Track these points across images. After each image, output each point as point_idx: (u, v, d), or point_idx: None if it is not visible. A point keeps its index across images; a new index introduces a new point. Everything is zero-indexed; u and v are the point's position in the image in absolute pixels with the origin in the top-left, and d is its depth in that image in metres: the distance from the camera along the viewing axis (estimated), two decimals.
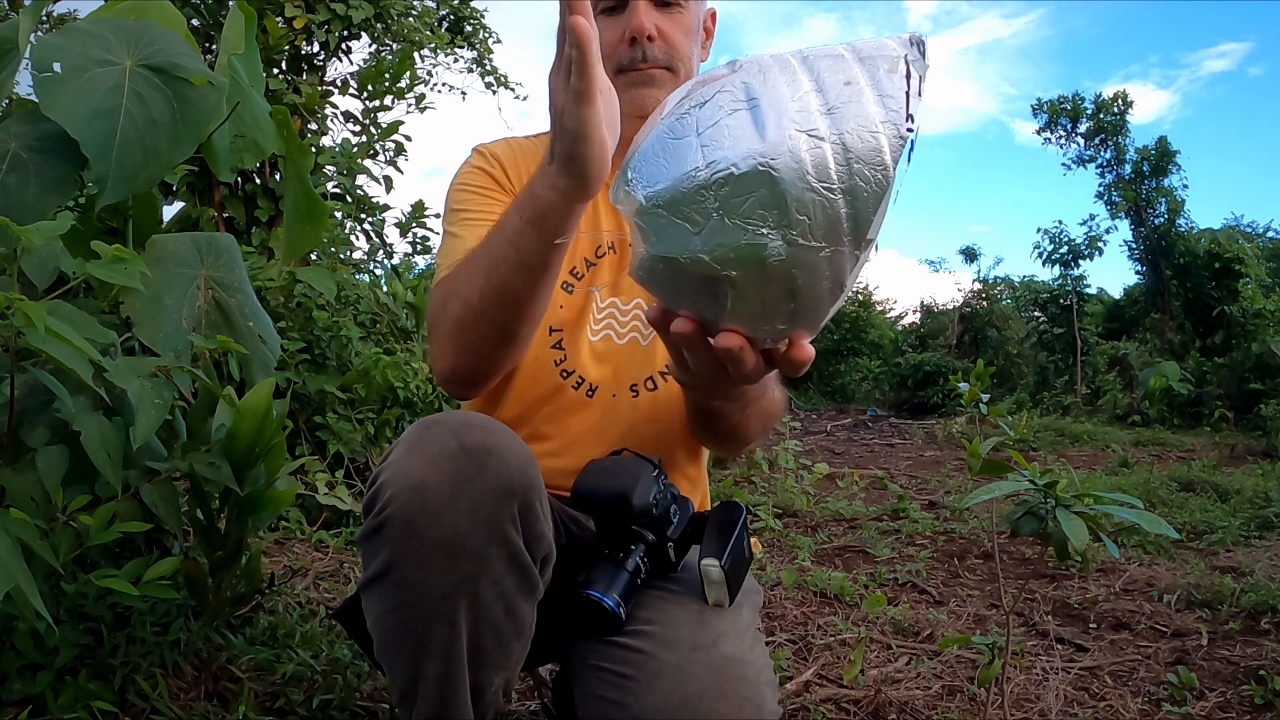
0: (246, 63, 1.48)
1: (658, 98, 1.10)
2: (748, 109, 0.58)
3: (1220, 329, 9.92)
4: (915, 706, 1.67)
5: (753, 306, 0.61)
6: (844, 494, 4.17)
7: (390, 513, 0.79)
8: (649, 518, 0.95)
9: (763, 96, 0.58)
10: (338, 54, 3.80)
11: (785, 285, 0.59)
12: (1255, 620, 2.31)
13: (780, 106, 0.57)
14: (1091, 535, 1.23)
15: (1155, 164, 11.70)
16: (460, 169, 1.19)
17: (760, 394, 0.98)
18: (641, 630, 0.93)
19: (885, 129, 0.57)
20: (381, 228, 3.92)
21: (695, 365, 0.71)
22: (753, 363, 0.66)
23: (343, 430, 2.70)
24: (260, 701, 1.39)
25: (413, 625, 0.81)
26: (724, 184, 0.57)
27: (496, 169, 1.16)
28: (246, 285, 1.41)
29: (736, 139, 0.57)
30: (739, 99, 0.59)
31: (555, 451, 1.12)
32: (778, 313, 0.61)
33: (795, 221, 0.57)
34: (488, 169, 1.16)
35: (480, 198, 1.14)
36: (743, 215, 0.57)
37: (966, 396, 1.66)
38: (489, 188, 1.15)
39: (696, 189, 0.58)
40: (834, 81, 0.58)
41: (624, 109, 1.12)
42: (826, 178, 0.56)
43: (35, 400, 1.16)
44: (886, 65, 0.59)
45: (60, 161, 1.19)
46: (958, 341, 13.12)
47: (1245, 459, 5.98)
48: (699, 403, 0.98)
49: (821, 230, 0.57)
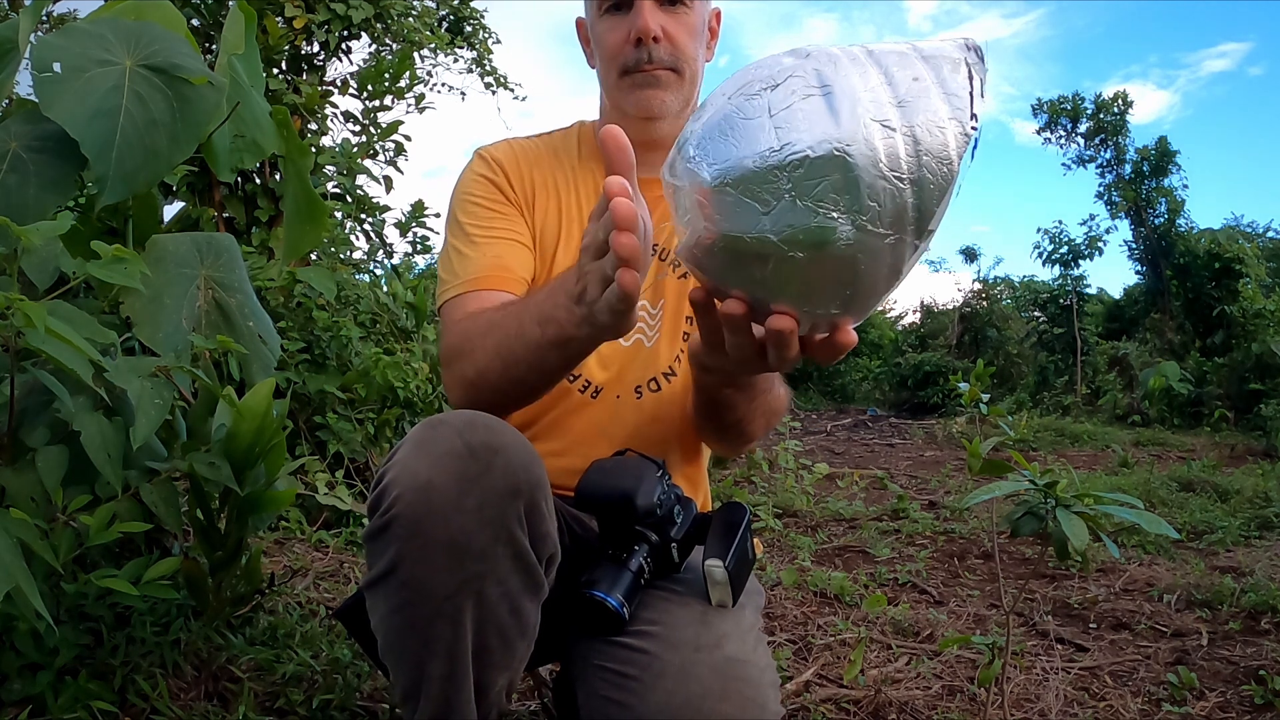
0: (246, 63, 1.48)
1: (663, 99, 1.10)
2: (821, 95, 0.59)
3: (1220, 329, 9.92)
4: (915, 706, 1.67)
5: (810, 290, 0.62)
6: (844, 494, 4.17)
7: (396, 512, 0.79)
8: (653, 518, 0.95)
9: (835, 84, 0.59)
10: (338, 54, 3.79)
11: (848, 270, 0.60)
12: (1255, 620, 2.31)
13: (854, 95, 0.59)
14: (1091, 535, 1.23)
15: (1155, 164, 11.70)
16: (463, 176, 1.18)
17: (768, 387, 0.98)
18: (645, 631, 0.93)
19: (951, 125, 0.59)
20: (381, 228, 3.92)
21: (734, 349, 0.71)
22: (796, 348, 0.67)
23: (343, 430, 2.70)
24: (260, 701, 1.39)
25: (418, 625, 0.81)
26: (798, 165, 0.58)
27: (500, 176, 1.16)
28: (246, 285, 1.41)
29: (812, 123, 0.58)
30: (812, 84, 0.60)
31: (559, 451, 1.12)
32: (834, 297, 0.62)
33: (866, 207, 0.58)
34: (492, 177, 1.16)
35: (486, 210, 1.13)
36: (815, 198, 0.58)
37: (966, 396, 1.66)
38: (494, 200, 1.15)
39: (770, 169, 0.59)
40: (903, 76, 0.60)
41: (629, 110, 1.12)
42: (897, 167, 0.58)
43: (35, 400, 1.16)
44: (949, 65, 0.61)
45: (60, 161, 1.19)
46: (958, 341, 13.10)
47: (1245, 459, 5.98)
48: (711, 390, 0.96)
49: (889, 218, 0.58)
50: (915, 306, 15.01)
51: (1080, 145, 12.47)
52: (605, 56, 1.12)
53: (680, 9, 1.09)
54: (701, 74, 1.15)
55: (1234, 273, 10.06)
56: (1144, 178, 11.80)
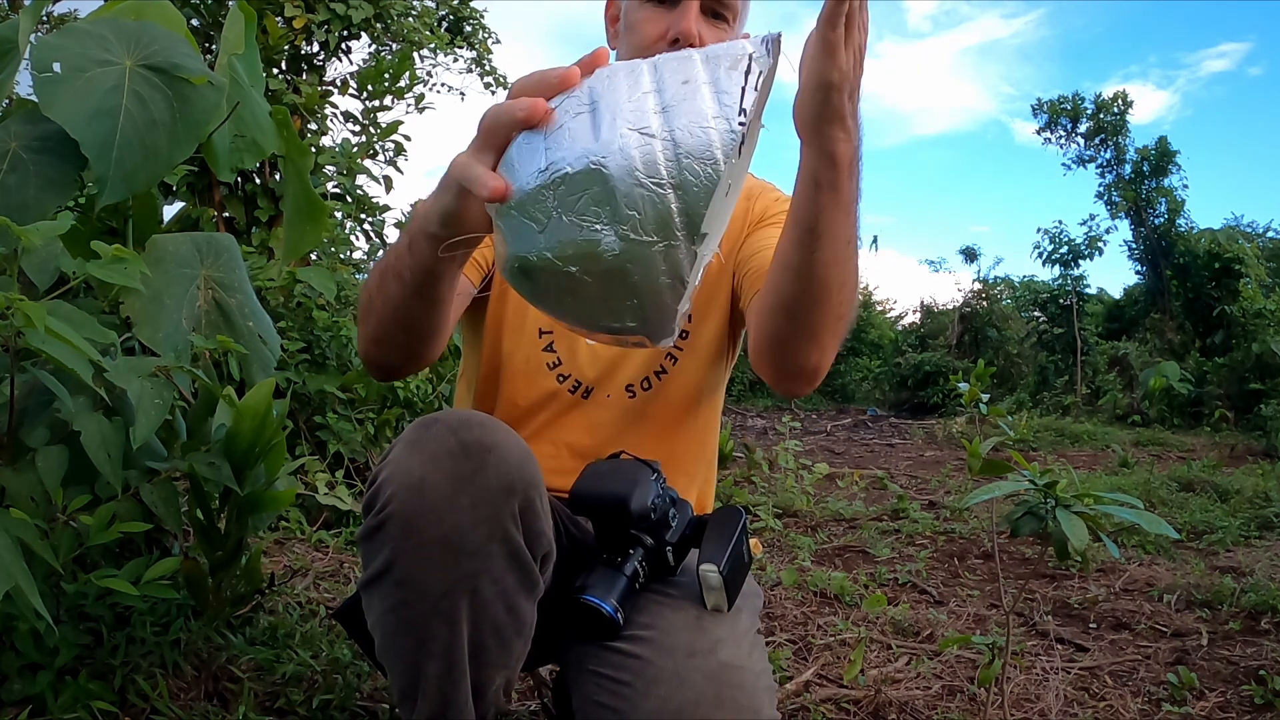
0: (246, 63, 1.48)
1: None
2: (589, 112, 0.60)
3: (1220, 329, 9.92)
4: (915, 706, 1.67)
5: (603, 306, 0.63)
6: (844, 494, 4.17)
7: (390, 511, 0.79)
8: (647, 522, 0.95)
9: (602, 99, 0.60)
10: (337, 54, 3.80)
11: (623, 281, 0.61)
12: (1255, 620, 2.31)
13: (616, 107, 0.60)
14: (1091, 535, 1.23)
15: (1155, 164, 11.70)
16: None
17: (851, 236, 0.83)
18: (639, 636, 0.92)
19: (717, 124, 0.58)
20: (381, 228, 3.92)
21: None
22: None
23: (343, 430, 2.70)
24: (260, 701, 1.39)
25: (413, 624, 0.81)
26: (560, 183, 0.60)
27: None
28: (246, 285, 1.41)
29: (575, 140, 0.60)
30: (583, 102, 0.61)
31: (552, 454, 1.12)
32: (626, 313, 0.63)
33: (626, 216, 0.59)
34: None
35: None
36: (578, 212, 0.59)
37: (966, 396, 1.66)
38: None
39: (538, 189, 0.61)
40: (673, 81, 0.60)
41: None
42: (656, 174, 0.58)
43: (35, 400, 1.16)
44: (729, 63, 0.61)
45: (60, 161, 1.19)
46: (958, 341, 13.11)
47: (1245, 459, 5.98)
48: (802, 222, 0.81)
49: (653, 224, 0.59)
50: (915, 306, 15.04)
51: (1080, 145, 12.49)
52: (633, 43, 1.10)
53: (721, 25, 1.07)
54: None
55: (1234, 273, 10.07)
56: (1144, 178, 11.80)
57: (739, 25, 1.11)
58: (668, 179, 0.58)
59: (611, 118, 0.59)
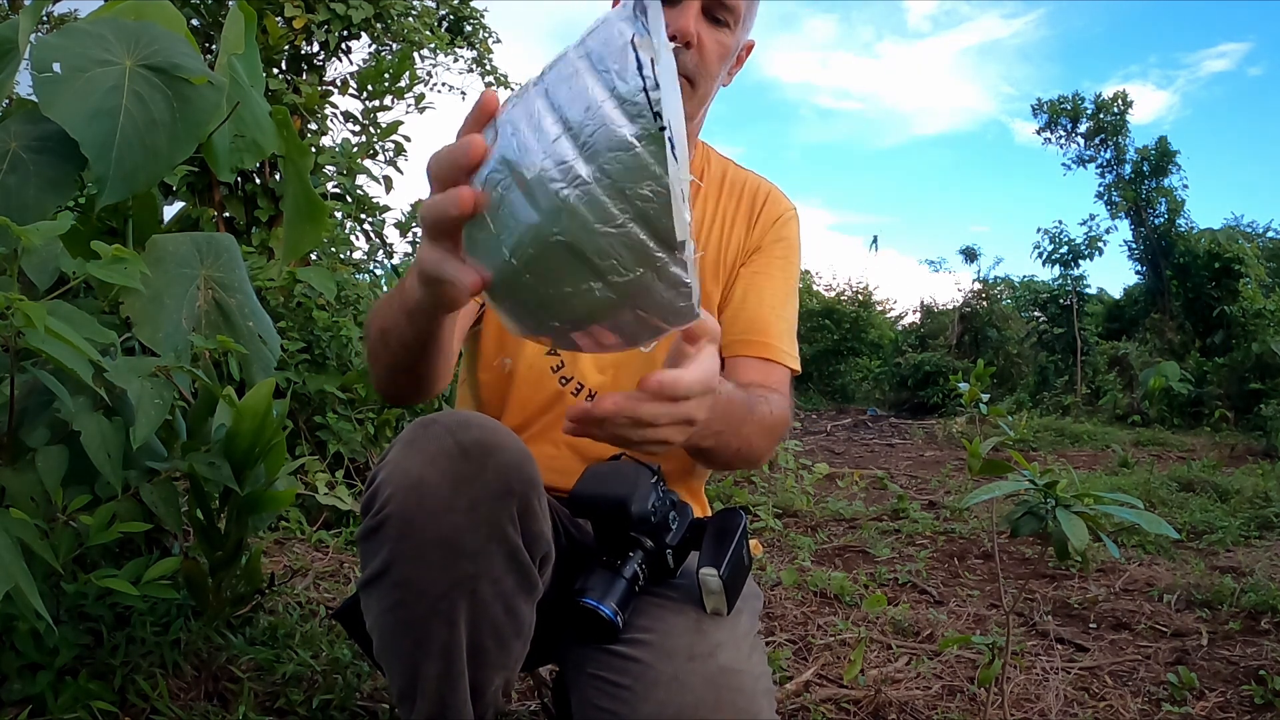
0: (246, 63, 1.48)
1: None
2: (515, 184, 0.58)
3: (1220, 329, 9.92)
4: (915, 706, 1.67)
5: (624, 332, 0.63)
6: (844, 494, 4.17)
7: (389, 512, 0.79)
8: (647, 525, 0.95)
9: (520, 162, 0.57)
10: (338, 54, 3.80)
11: (634, 313, 0.61)
12: (1255, 620, 2.31)
13: (537, 169, 0.57)
14: (1091, 535, 1.23)
15: (1155, 164, 11.69)
16: None
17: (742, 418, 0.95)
18: (639, 639, 0.92)
19: (642, 145, 0.55)
20: (381, 228, 3.92)
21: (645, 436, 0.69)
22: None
23: (343, 430, 2.70)
24: (260, 701, 1.39)
25: (412, 624, 0.81)
26: (530, 266, 0.58)
27: None
28: (246, 285, 1.41)
29: (519, 219, 0.58)
30: (505, 175, 0.58)
31: (554, 455, 1.12)
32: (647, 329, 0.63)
33: (604, 267, 0.57)
34: None
35: None
36: (560, 282, 0.59)
37: (966, 396, 1.66)
38: None
39: (514, 275, 0.60)
40: (575, 111, 0.56)
41: None
42: (610, 218, 0.56)
43: (35, 400, 1.16)
44: (617, 64, 0.56)
45: (60, 161, 1.19)
46: (958, 341, 13.10)
47: (1245, 459, 5.98)
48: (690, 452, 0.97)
49: (633, 259, 0.57)
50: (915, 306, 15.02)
51: (1080, 145, 12.48)
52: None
53: (723, 29, 1.07)
54: (714, 95, 1.15)
55: (1234, 273, 10.06)
56: (1144, 178, 11.79)
57: (741, 30, 1.11)
58: (623, 215, 0.56)
59: (539, 182, 0.56)
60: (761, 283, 1.18)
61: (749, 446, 0.99)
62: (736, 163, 1.27)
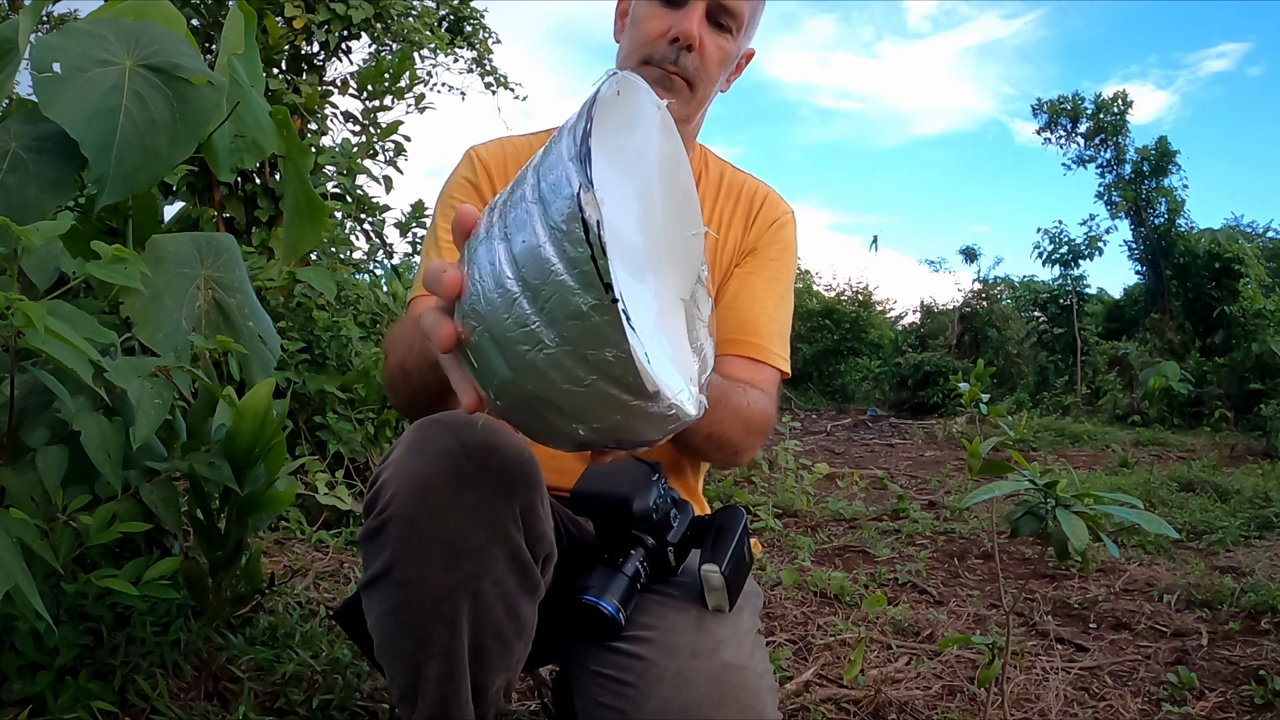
0: (246, 63, 1.48)
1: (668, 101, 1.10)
2: (488, 334, 0.58)
3: (1220, 329, 9.91)
4: (915, 706, 1.67)
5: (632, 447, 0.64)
6: (844, 494, 4.17)
7: (391, 512, 0.79)
8: (649, 522, 0.95)
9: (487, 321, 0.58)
10: (338, 54, 3.79)
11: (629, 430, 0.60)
12: (1255, 620, 2.32)
13: (502, 331, 0.57)
14: (1091, 535, 1.23)
15: (1155, 164, 11.69)
16: (450, 175, 1.19)
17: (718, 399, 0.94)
18: (641, 636, 0.92)
19: (596, 315, 0.54)
20: (381, 228, 3.91)
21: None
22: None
23: (343, 430, 2.70)
24: (260, 701, 1.39)
25: (414, 625, 0.81)
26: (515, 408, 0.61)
27: (484, 180, 1.16)
28: (246, 285, 1.41)
29: (495, 370, 0.59)
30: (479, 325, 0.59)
31: (555, 454, 1.12)
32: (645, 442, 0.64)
33: (583, 415, 0.59)
34: (474, 180, 1.16)
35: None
36: (550, 422, 0.60)
37: (966, 396, 1.66)
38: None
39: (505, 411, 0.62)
40: (533, 272, 0.55)
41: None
42: (577, 379, 0.56)
43: (35, 400, 1.16)
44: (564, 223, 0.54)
45: (60, 161, 1.19)
46: (958, 341, 13.09)
47: (1245, 459, 5.98)
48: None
49: (607, 411, 0.58)
50: (915, 306, 15.01)
51: (1080, 145, 12.47)
52: (635, 39, 1.10)
53: (725, 35, 1.08)
54: (711, 99, 1.15)
55: (1234, 273, 10.06)
56: (1144, 178, 11.79)
57: (743, 38, 1.11)
58: (591, 376, 0.56)
59: (506, 343, 0.57)
60: (754, 283, 1.18)
61: (720, 432, 1.01)
62: (735, 166, 1.27)
